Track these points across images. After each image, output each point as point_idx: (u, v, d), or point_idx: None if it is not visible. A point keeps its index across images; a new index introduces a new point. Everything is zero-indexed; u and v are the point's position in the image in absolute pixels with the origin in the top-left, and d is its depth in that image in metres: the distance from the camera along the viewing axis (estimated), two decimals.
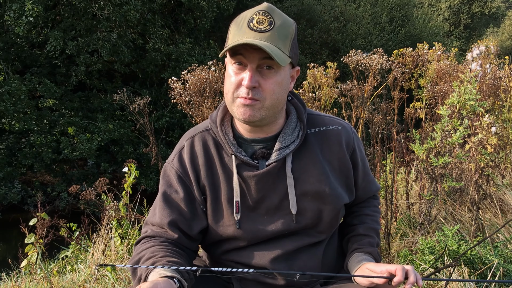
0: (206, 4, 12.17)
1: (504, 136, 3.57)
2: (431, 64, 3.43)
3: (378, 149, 3.03)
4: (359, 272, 1.12)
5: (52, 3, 10.28)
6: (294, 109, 1.19)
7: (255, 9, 1.04)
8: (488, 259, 2.11)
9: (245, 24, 1.02)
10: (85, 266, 2.91)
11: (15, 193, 9.40)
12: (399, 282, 1.00)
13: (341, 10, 16.69)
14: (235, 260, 1.17)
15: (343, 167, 1.18)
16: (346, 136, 1.20)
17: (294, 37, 1.06)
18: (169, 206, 1.13)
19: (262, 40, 1.00)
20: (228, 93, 1.08)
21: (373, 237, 1.24)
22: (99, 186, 3.16)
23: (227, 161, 1.14)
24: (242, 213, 1.13)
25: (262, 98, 1.04)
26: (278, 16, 1.04)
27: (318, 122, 1.20)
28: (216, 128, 1.16)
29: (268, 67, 1.03)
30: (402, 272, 0.99)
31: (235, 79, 1.05)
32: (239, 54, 1.03)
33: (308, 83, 3.10)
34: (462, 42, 26.45)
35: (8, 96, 9.24)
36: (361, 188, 1.26)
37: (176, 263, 0.99)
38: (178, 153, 1.18)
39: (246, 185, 1.12)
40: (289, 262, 1.15)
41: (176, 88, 3.02)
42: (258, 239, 1.14)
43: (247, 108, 1.05)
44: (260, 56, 1.01)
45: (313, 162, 1.15)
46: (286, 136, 1.14)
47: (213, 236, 1.16)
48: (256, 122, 1.07)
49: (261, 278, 1.15)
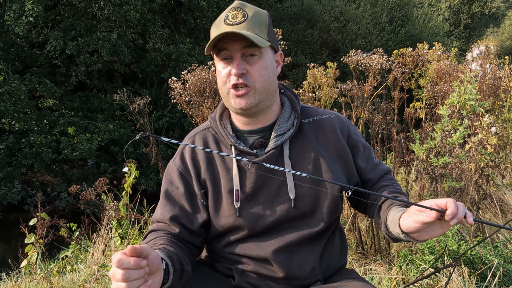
0: (206, 4, 12.18)
1: (504, 136, 3.58)
2: (431, 64, 3.43)
3: (378, 149, 3.03)
4: (405, 217, 1.01)
5: (52, 3, 10.28)
6: (287, 100, 1.26)
7: (228, 8, 1.14)
8: (488, 259, 2.11)
9: (222, 23, 1.11)
10: (85, 266, 2.91)
11: (15, 193, 9.40)
12: (452, 215, 0.90)
13: (341, 10, 16.70)
14: (237, 252, 1.19)
15: (340, 152, 1.21)
16: (339, 123, 1.25)
17: (269, 24, 1.15)
18: (170, 202, 1.18)
19: (239, 30, 1.08)
20: (221, 87, 1.16)
21: (403, 196, 1.18)
22: (99, 186, 3.16)
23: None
24: (242, 201, 1.16)
25: (252, 83, 1.12)
26: (249, 9, 1.13)
27: (311, 113, 1.26)
28: (215, 123, 1.23)
29: (251, 54, 1.11)
30: (454, 205, 0.91)
31: (224, 72, 1.13)
32: (223, 50, 1.11)
33: (308, 83, 3.10)
34: (462, 42, 26.47)
35: (8, 96, 9.24)
36: (370, 171, 1.26)
37: (173, 253, 1.01)
38: (180, 152, 1.25)
39: (245, 173, 1.17)
40: (289, 255, 1.17)
41: (176, 88, 3.02)
42: (258, 228, 1.16)
43: (241, 98, 1.12)
44: (242, 45, 1.10)
45: (309, 149, 1.19)
46: (282, 124, 1.20)
47: (215, 229, 1.19)
48: (253, 108, 1.14)
49: (261, 270, 1.17)
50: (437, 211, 0.92)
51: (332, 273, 1.26)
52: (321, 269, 1.21)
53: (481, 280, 2.11)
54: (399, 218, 1.03)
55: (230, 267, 1.21)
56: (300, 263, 1.17)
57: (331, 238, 1.25)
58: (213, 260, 1.27)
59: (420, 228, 0.97)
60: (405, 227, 1.00)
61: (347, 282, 1.16)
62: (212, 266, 1.27)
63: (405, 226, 1.00)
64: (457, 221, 0.91)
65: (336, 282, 1.20)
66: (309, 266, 1.18)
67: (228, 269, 1.22)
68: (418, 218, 0.96)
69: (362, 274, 2.40)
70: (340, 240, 1.30)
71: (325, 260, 1.22)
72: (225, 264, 1.23)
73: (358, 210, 1.36)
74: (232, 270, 1.20)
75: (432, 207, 0.93)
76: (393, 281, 2.24)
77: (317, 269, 1.19)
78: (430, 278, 2.15)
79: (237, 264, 1.20)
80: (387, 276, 2.28)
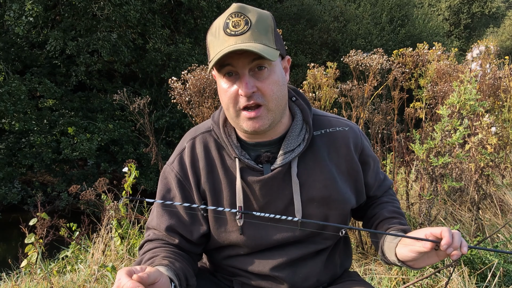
0: (206, 4, 12.18)
1: (504, 136, 3.58)
2: (431, 64, 3.43)
3: (378, 149, 3.03)
4: (401, 246, 1.01)
5: (52, 3, 10.28)
6: (299, 110, 1.14)
7: (226, 13, 0.97)
8: (488, 259, 2.11)
9: (222, 32, 0.96)
10: (85, 266, 2.91)
11: (15, 193, 9.40)
12: (447, 244, 0.88)
13: (341, 10, 16.71)
14: (237, 266, 1.14)
15: (352, 170, 1.14)
16: (353, 137, 1.16)
17: (274, 28, 1.01)
18: (167, 212, 1.09)
19: (245, 42, 0.94)
20: (229, 109, 1.02)
21: (401, 218, 1.17)
22: (99, 186, 3.16)
23: (230, 164, 1.10)
24: (245, 219, 1.08)
25: (264, 102, 0.99)
26: (252, 13, 0.97)
27: (324, 124, 1.16)
28: (219, 130, 1.11)
29: (260, 67, 0.98)
30: (449, 234, 0.89)
31: (230, 92, 0.99)
32: (226, 65, 0.97)
33: (308, 83, 3.10)
34: (462, 42, 26.47)
35: (8, 96, 9.24)
36: (375, 188, 1.24)
37: (179, 269, 0.97)
38: (179, 155, 1.14)
39: (250, 190, 1.08)
40: (292, 269, 1.12)
41: (176, 88, 3.02)
42: (261, 247, 1.10)
43: (254, 120, 1.00)
44: (249, 59, 0.96)
45: (320, 167, 1.10)
46: (292, 139, 1.09)
47: (215, 241, 1.12)
48: (265, 130, 1.03)
49: (263, 284, 1.13)
50: (431, 241, 0.91)
51: (336, 277, 1.24)
52: (326, 277, 1.18)
53: (481, 280, 2.11)
54: (395, 247, 1.02)
55: (231, 278, 1.17)
56: (304, 277, 1.13)
57: (336, 245, 1.21)
58: (213, 269, 1.23)
59: (416, 257, 0.97)
60: (401, 256, 1.00)
61: (352, 284, 1.15)
62: (212, 273, 1.23)
63: (401, 255, 1.00)
64: (452, 250, 0.90)
65: (338, 284, 1.18)
66: (314, 278, 1.14)
67: (229, 280, 1.18)
68: (413, 248, 0.95)
69: (362, 274, 2.40)
70: (344, 244, 1.26)
71: (331, 269, 1.19)
72: (225, 275, 1.19)
73: (356, 219, 1.37)
74: (233, 282, 1.16)
75: (427, 237, 0.92)
76: (393, 281, 2.24)
77: (322, 279, 1.16)
78: (430, 278, 2.15)
79: (238, 276, 1.16)
80: (387, 276, 2.28)
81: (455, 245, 0.89)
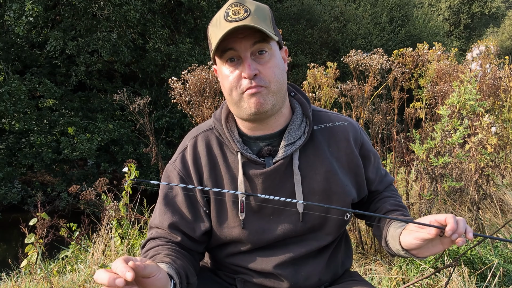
0: (206, 4, 12.18)
1: (504, 136, 3.58)
2: (431, 64, 3.43)
3: (378, 149, 3.03)
4: (405, 234, 1.00)
5: (52, 3, 10.28)
6: (299, 104, 1.16)
7: (226, 5, 1.02)
8: (488, 259, 2.11)
9: (222, 20, 0.99)
10: (85, 266, 2.91)
11: (15, 193, 9.39)
12: (452, 230, 0.88)
13: (341, 10, 16.71)
14: (239, 264, 1.14)
15: (352, 164, 1.15)
16: (353, 132, 1.17)
17: (272, 19, 1.05)
18: (169, 209, 1.11)
19: (246, 23, 0.98)
20: (231, 93, 1.04)
21: (404, 210, 1.17)
22: (99, 186, 3.16)
23: (232, 160, 1.11)
24: (247, 213, 1.09)
25: (266, 84, 1.01)
26: (250, 3, 1.02)
27: (323, 119, 1.18)
28: (220, 126, 1.13)
29: (261, 52, 1.01)
30: (453, 220, 0.88)
31: (233, 76, 1.02)
32: (228, 49, 1.01)
33: (308, 83, 3.10)
34: (462, 42, 26.48)
35: (8, 96, 9.24)
36: (377, 182, 1.24)
37: (180, 266, 0.97)
38: (181, 154, 1.15)
39: (252, 183, 1.09)
40: (295, 267, 1.12)
41: (176, 88, 3.02)
42: (263, 242, 1.11)
43: (256, 97, 1.01)
44: (250, 42, 0.99)
45: (321, 159, 1.12)
46: (292, 132, 1.11)
47: (217, 238, 1.13)
48: (268, 111, 1.04)
49: (265, 282, 1.13)
50: (436, 227, 0.90)
51: (337, 277, 1.25)
52: (327, 277, 1.18)
53: (481, 280, 2.11)
54: (400, 235, 1.02)
55: (233, 276, 1.18)
56: (306, 276, 1.13)
57: (337, 245, 1.22)
58: (215, 267, 1.24)
59: (420, 245, 0.96)
60: (405, 244, 0.99)
61: (354, 284, 1.16)
62: (214, 272, 1.23)
63: (406, 243, 0.99)
64: (457, 236, 0.89)
65: (339, 284, 1.19)
66: (316, 277, 1.15)
67: (231, 278, 1.18)
68: (418, 235, 0.95)
69: (362, 274, 2.40)
70: (345, 244, 1.27)
71: (332, 268, 1.20)
72: (228, 273, 1.19)
73: (359, 217, 1.36)
74: (235, 280, 1.17)
75: (432, 224, 0.91)
76: (393, 281, 2.24)
77: (324, 278, 1.17)
78: (430, 278, 2.15)
79: (240, 274, 1.16)
80: (387, 276, 2.28)
81: (460, 231, 0.89)
